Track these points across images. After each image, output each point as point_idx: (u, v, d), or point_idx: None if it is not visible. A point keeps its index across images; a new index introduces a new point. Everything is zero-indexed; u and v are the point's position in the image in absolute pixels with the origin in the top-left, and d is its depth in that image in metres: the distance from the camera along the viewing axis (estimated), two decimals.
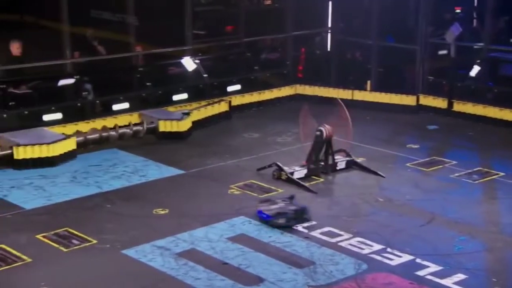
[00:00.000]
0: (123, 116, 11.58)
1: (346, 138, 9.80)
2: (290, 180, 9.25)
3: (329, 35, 14.44)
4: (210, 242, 7.56)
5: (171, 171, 9.87)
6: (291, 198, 8.50)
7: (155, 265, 7.08)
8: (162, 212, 8.43)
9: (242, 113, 12.89)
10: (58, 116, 11.18)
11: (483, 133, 11.63)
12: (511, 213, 8.25)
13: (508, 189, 9.03)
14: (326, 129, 9.38)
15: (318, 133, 9.42)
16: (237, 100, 12.97)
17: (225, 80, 13.12)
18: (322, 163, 9.57)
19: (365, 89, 13.43)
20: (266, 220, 8.00)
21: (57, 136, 10.40)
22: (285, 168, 9.41)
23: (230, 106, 12.60)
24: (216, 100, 12.56)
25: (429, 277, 6.77)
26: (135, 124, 11.26)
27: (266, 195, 8.94)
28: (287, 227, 7.88)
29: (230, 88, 13.10)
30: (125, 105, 11.84)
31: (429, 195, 8.88)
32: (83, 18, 11.97)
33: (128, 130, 11.06)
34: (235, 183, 9.31)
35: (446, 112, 12.54)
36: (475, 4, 13.92)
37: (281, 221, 7.93)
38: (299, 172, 9.43)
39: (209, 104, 12.39)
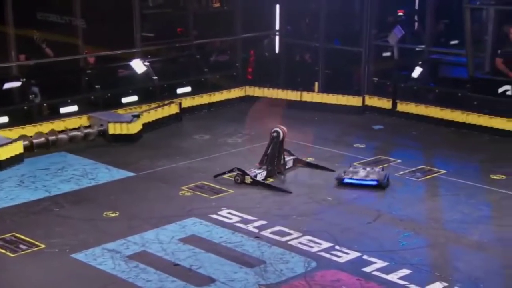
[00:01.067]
0: (71, 119, 11.34)
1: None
2: (256, 183, 9.20)
3: (277, 37, 14.53)
4: (161, 244, 7.48)
5: (122, 174, 9.73)
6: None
7: (105, 268, 6.95)
8: (113, 215, 8.29)
9: (192, 115, 12.83)
10: (4, 119, 10.86)
11: (426, 132, 11.90)
12: (453, 209, 8.47)
13: (449, 186, 9.26)
14: (281, 129, 9.45)
15: (274, 134, 9.47)
16: (187, 102, 12.91)
17: (175, 82, 13.02)
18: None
19: (313, 91, 13.58)
20: (374, 185, 8.93)
21: (3, 140, 10.09)
22: (248, 171, 9.31)
23: (181, 108, 12.52)
24: (166, 102, 12.45)
25: (376, 273, 6.88)
26: (74, 129, 11.00)
27: (217, 196, 8.92)
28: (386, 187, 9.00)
29: (180, 90, 13.01)
30: (74, 108, 11.60)
31: (376, 194, 9.02)
32: (29, 20, 11.67)
33: (79, 133, 10.84)
34: (186, 185, 9.25)
35: (391, 112, 12.79)
36: (416, 7, 14.22)
37: (386, 181, 9.06)
38: (261, 174, 9.38)
39: (159, 106, 12.26)
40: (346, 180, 9.04)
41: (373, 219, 8.18)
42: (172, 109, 12.39)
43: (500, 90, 11.40)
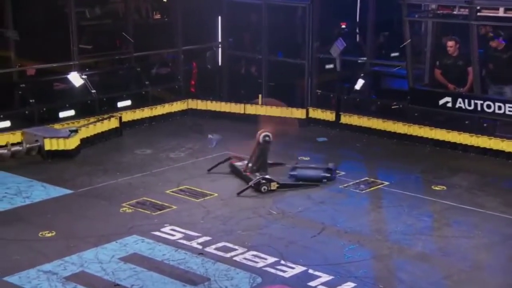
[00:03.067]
0: (3, 135, 11.00)
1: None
2: (284, 186, 9.52)
3: (219, 49, 14.57)
4: (100, 264, 7.33)
5: (59, 191, 9.50)
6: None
7: None
8: (49, 235, 8.07)
9: (133, 129, 12.70)
10: None
11: (369, 144, 12.16)
12: (396, 220, 8.66)
13: (392, 197, 9.47)
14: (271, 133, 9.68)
15: (267, 138, 9.60)
16: (128, 116, 12.76)
17: (115, 96, 12.86)
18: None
19: (256, 103, 13.65)
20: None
21: None
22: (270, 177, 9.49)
23: (121, 122, 12.37)
24: (105, 116, 12.27)
25: (321, 287, 6.94)
26: (14, 144, 10.69)
27: (159, 212, 8.83)
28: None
29: (120, 104, 12.86)
30: (6, 124, 11.26)
31: (320, 206, 9.14)
32: None
33: (4, 151, 10.48)
34: (127, 201, 9.12)
35: (334, 125, 13.00)
36: (357, 19, 14.56)
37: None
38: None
39: (98, 121, 12.05)
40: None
41: (318, 232, 8.26)
42: (111, 123, 12.21)
43: (441, 102, 11.77)
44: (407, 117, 12.16)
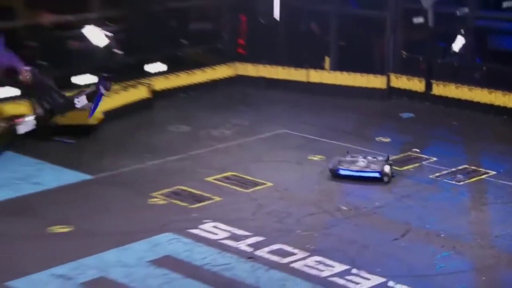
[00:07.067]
0: (9, 104, 11.28)
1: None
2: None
3: None
4: (125, 268, 7.46)
5: (74, 177, 9.72)
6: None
7: None
8: (63, 230, 8.26)
9: (166, 100, 12.89)
10: None
11: (470, 122, 12.01)
12: (506, 221, 8.51)
13: (500, 191, 9.32)
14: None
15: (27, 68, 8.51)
16: (160, 84, 12.97)
17: (144, 58, 13.07)
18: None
19: (323, 68, 13.60)
20: (375, 178, 9.20)
21: None
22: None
23: (152, 92, 12.59)
24: (132, 83, 12.49)
25: None
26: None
27: (199, 204, 8.93)
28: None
29: (150, 68, 13.06)
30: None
31: (404, 201, 9.08)
32: None
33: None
34: (159, 191, 9.26)
35: (424, 97, 12.90)
36: None
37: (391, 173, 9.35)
38: (26, 124, 8.38)
39: (123, 89, 12.27)
40: (342, 172, 9.32)
41: (401, 234, 8.22)
42: (140, 92, 12.42)
43: None
44: None
